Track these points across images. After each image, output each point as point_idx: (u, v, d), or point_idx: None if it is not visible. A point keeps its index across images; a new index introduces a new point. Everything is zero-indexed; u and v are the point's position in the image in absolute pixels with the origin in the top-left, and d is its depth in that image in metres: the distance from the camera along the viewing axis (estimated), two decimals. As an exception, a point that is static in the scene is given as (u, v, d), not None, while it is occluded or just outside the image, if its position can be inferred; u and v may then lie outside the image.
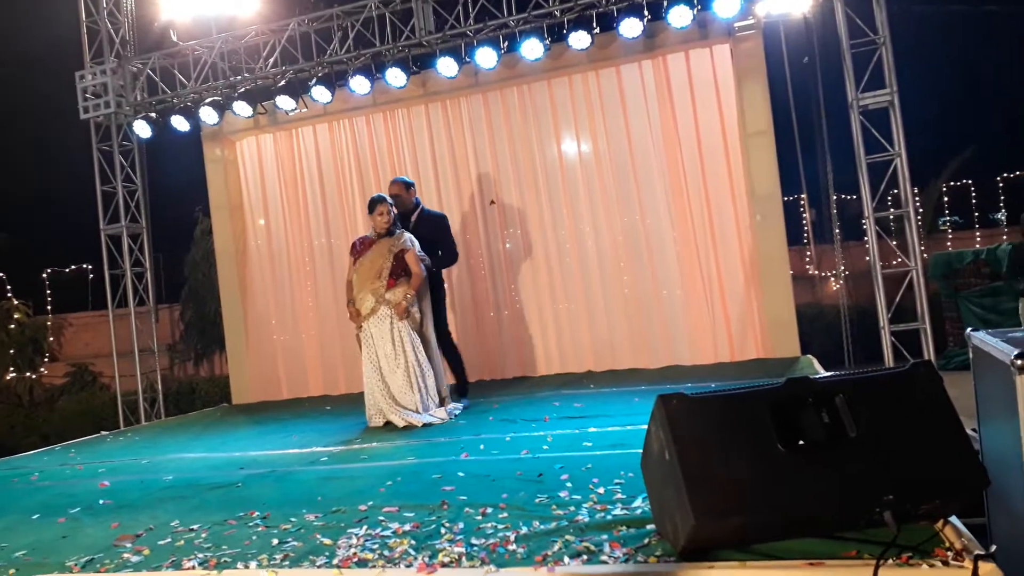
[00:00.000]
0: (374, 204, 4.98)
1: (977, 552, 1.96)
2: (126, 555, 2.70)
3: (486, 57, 6.05)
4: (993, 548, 2.04)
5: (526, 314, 6.87)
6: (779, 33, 6.70)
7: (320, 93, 6.51)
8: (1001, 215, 11.43)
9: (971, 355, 2.80)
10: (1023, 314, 6.27)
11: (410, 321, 4.92)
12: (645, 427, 2.34)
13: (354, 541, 2.59)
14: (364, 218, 7.38)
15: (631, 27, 5.71)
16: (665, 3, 5.60)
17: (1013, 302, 7.06)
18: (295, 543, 2.65)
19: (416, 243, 5.03)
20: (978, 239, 10.61)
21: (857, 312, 7.34)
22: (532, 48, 5.93)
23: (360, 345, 5.02)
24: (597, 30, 5.81)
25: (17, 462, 5.21)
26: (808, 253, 9.78)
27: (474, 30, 6.13)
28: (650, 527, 2.41)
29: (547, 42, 5.93)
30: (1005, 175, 11.38)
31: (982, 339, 2.65)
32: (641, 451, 2.43)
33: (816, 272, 9.76)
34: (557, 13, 5.93)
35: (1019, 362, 2.20)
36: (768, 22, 6.10)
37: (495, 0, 6.04)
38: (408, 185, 5.38)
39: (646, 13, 5.67)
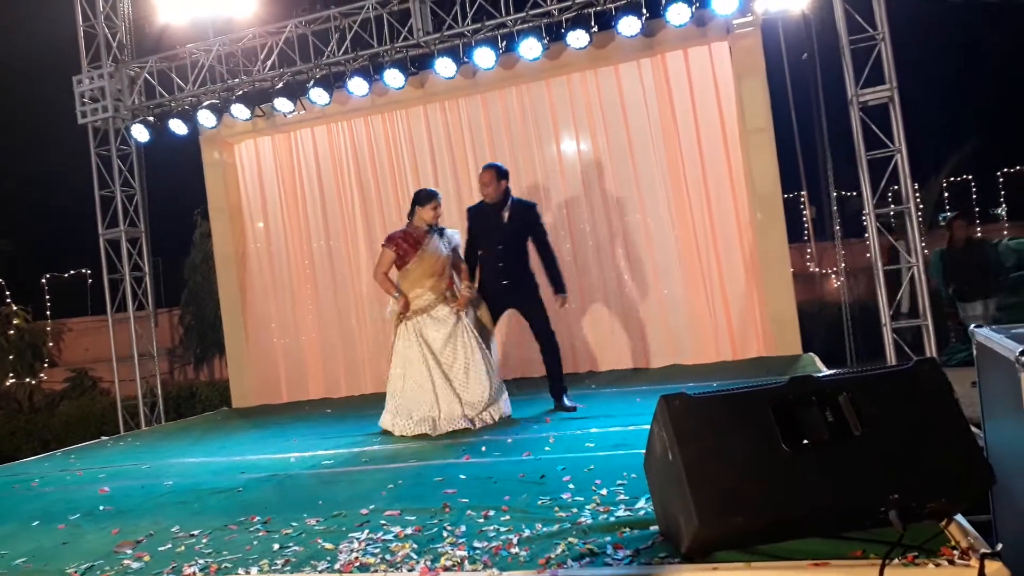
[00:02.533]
0: (431, 198, 4.73)
1: (983, 551, 1.95)
2: (127, 561, 2.69)
3: (484, 57, 6.04)
4: (999, 546, 2.02)
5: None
6: (778, 30, 6.68)
7: (318, 95, 6.50)
8: (1002, 210, 11.41)
9: (975, 352, 2.79)
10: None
11: (471, 315, 4.74)
12: (647, 427, 2.32)
13: (356, 545, 2.57)
14: (364, 219, 7.41)
15: (629, 25, 5.70)
16: (663, 1, 5.59)
17: (1015, 298, 7.04)
18: (296, 548, 2.63)
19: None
20: (979, 235, 10.57)
21: (859, 309, 7.32)
22: (530, 48, 5.92)
23: (395, 340, 4.73)
24: (595, 29, 5.80)
25: (17, 468, 5.20)
26: (809, 250, 9.76)
27: (472, 30, 6.12)
28: (653, 528, 2.39)
29: (545, 42, 5.92)
30: (1006, 170, 11.36)
31: (986, 336, 2.63)
32: (644, 452, 2.41)
33: (817, 269, 9.74)
34: (555, 12, 5.92)
35: (1024, 358, 2.18)
36: (766, 19, 6.08)
37: (493, 0, 6.03)
38: (502, 174, 4.93)
39: (644, 11, 5.66)
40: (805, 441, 2.09)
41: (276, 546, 2.67)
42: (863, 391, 2.16)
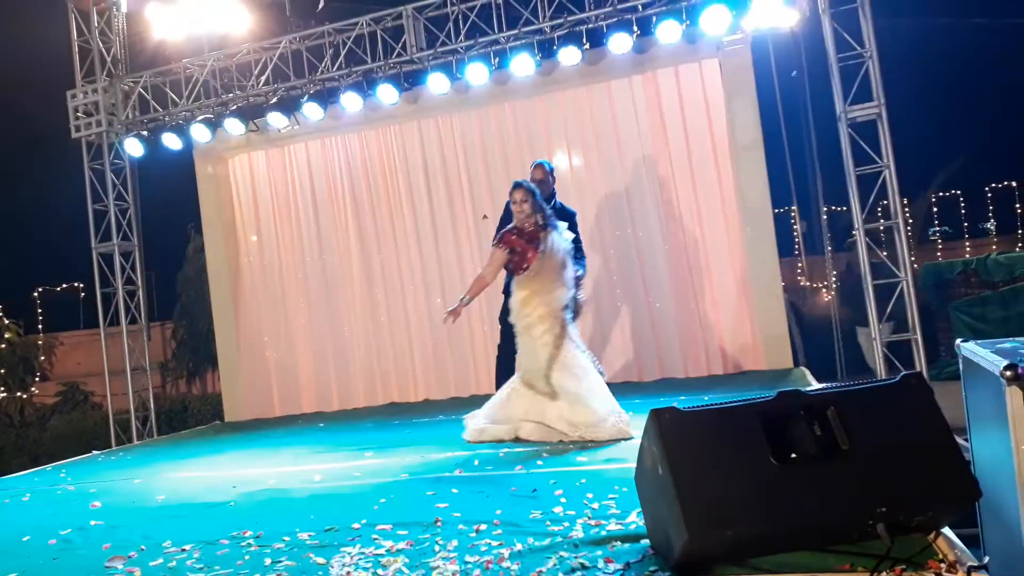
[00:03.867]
0: (513, 188, 4.34)
1: (970, 564, 1.97)
2: (117, 576, 2.68)
3: (477, 73, 6.10)
4: (986, 559, 2.04)
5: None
6: (767, 47, 6.78)
7: (312, 110, 6.54)
8: (991, 225, 11.54)
9: (961, 366, 2.82)
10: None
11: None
12: (638, 441, 2.34)
13: (347, 560, 2.57)
14: (357, 234, 7.43)
15: (621, 43, 5.77)
16: (654, 19, 5.67)
17: (1003, 311, 7.11)
18: (288, 562, 2.63)
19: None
20: (968, 249, 10.70)
21: (849, 323, 7.38)
22: (523, 64, 5.99)
23: (558, 348, 4.23)
24: (587, 46, 5.87)
25: (8, 482, 5.15)
26: (799, 264, 9.84)
27: (465, 47, 6.18)
28: (645, 542, 2.40)
29: (538, 58, 5.98)
30: (994, 185, 11.50)
31: (972, 350, 2.66)
32: (635, 465, 2.43)
33: (807, 283, 9.82)
34: (547, 29, 5.99)
35: (1008, 373, 2.20)
36: (756, 36, 6.17)
37: (486, 17, 6.09)
38: (551, 173, 4.76)
39: (635, 29, 5.74)
40: (793, 455, 2.12)
41: (268, 560, 2.67)
42: (850, 405, 2.19)
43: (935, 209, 11.35)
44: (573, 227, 4.85)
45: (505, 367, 4.91)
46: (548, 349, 4.22)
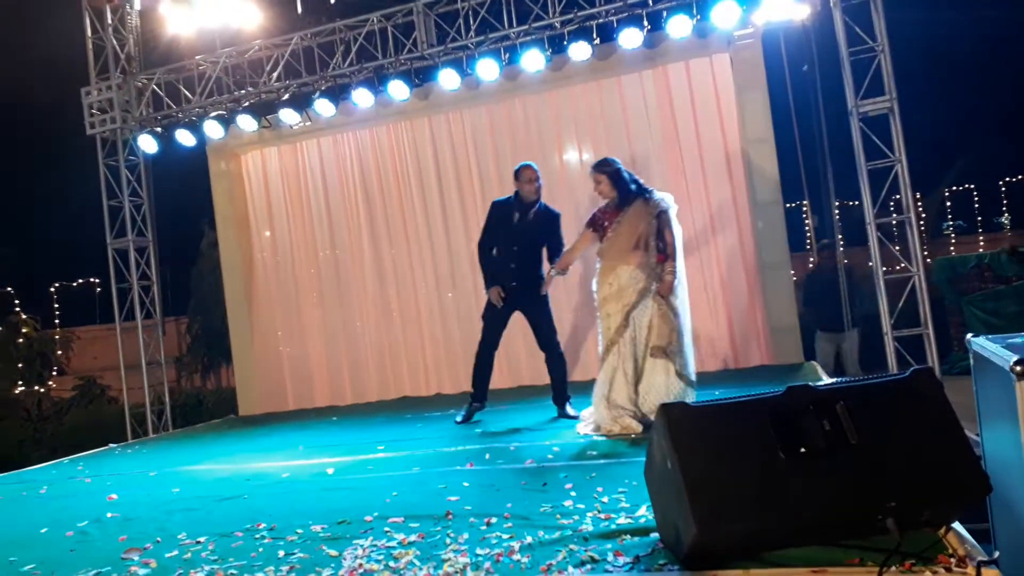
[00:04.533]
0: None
1: (980, 559, 1.96)
2: (134, 568, 2.72)
3: (487, 69, 6.10)
4: (996, 554, 2.04)
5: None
6: (779, 41, 6.74)
7: (324, 106, 6.57)
8: (1004, 219, 11.43)
9: (972, 361, 2.80)
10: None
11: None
12: (648, 435, 2.35)
13: (359, 552, 2.60)
14: (368, 228, 7.46)
15: (631, 38, 5.76)
16: (664, 14, 5.65)
17: (1017, 306, 7.04)
18: (301, 554, 2.66)
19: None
20: (981, 243, 10.61)
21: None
22: (533, 60, 5.99)
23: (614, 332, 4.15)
24: (597, 41, 5.86)
25: (25, 475, 5.24)
26: (811, 259, 9.78)
27: (475, 43, 6.19)
28: (654, 536, 2.42)
29: (548, 54, 5.98)
30: (1008, 179, 11.38)
31: (982, 345, 2.65)
32: (644, 460, 2.45)
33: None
34: (557, 25, 5.98)
35: (1019, 368, 2.20)
36: (767, 30, 6.13)
37: (496, 12, 6.10)
38: (539, 176, 4.92)
39: (646, 24, 5.72)
40: (803, 450, 2.12)
41: (281, 552, 2.70)
42: (860, 400, 2.19)
43: (948, 203, 11.26)
44: (557, 229, 4.93)
45: (483, 363, 5.06)
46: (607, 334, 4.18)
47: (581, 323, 6.69)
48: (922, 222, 5.96)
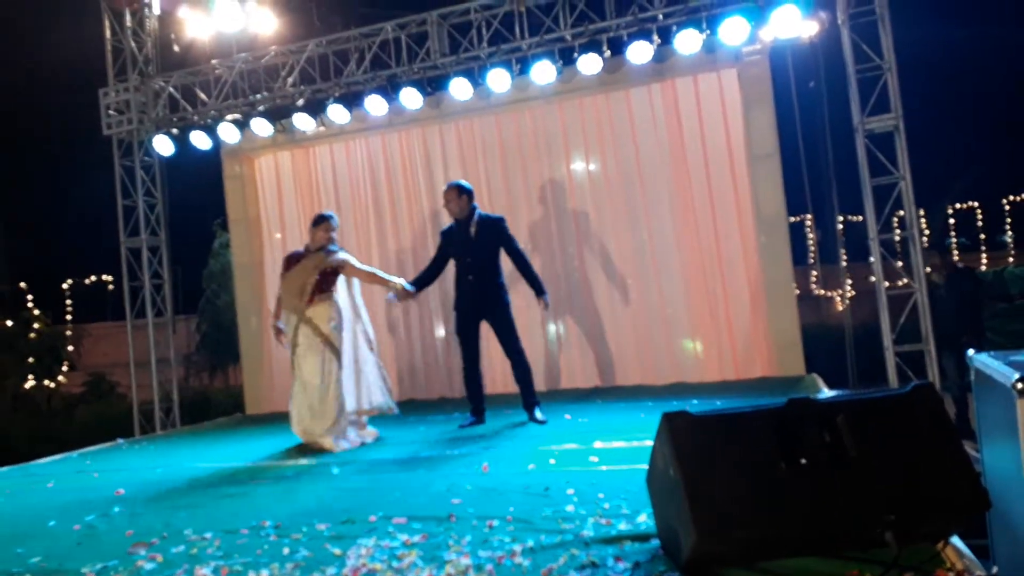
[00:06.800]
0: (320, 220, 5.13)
1: (978, 573, 1.99)
2: (140, 563, 2.74)
3: (499, 80, 6.17)
4: (995, 569, 2.06)
5: (535, 330, 6.92)
6: (786, 57, 6.79)
7: (337, 113, 6.65)
8: (1008, 237, 11.41)
9: (972, 378, 2.83)
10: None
11: (329, 340, 4.92)
12: (651, 443, 2.38)
13: (363, 551, 2.63)
14: (377, 233, 7.53)
15: (640, 51, 5.81)
16: (674, 28, 5.71)
17: (1019, 324, 7.02)
18: (305, 552, 2.69)
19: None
20: (984, 261, 10.59)
21: (863, 332, 7.35)
22: (544, 71, 6.05)
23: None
24: (607, 54, 5.92)
25: (33, 469, 5.28)
26: (814, 273, 9.79)
27: (487, 53, 6.26)
28: (654, 542, 2.45)
29: (559, 66, 6.04)
30: (1011, 197, 11.37)
31: (983, 362, 2.68)
32: (647, 466, 2.48)
33: (822, 292, 9.76)
34: (568, 37, 6.05)
35: (1020, 385, 2.22)
36: (775, 46, 6.18)
37: (508, 24, 6.17)
38: (463, 191, 5.11)
39: (655, 38, 5.78)
40: (803, 461, 2.14)
41: (286, 550, 2.73)
42: (860, 413, 2.21)
43: (952, 220, 11.24)
44: (503, 231, 5.13)
45: (471, 377, 5.25)
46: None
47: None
48: (924, 239, 5.96)
